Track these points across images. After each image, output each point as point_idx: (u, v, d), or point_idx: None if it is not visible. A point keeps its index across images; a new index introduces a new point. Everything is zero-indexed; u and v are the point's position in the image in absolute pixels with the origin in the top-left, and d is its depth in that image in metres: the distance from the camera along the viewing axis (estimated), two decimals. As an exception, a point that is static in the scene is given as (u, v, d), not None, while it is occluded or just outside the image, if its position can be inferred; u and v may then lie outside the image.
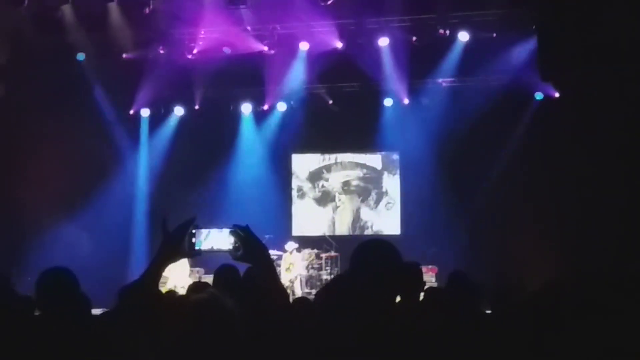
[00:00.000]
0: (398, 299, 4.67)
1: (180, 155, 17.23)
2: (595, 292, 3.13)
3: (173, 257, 3.21)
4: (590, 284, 3.20)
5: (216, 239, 3.20)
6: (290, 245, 15.77)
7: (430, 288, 6.34)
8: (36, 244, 14.92)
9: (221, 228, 3.20)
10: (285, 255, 15.68)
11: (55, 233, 15.30)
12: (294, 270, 15.57)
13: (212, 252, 3.20)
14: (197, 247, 3.20)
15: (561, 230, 15.08)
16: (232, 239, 3.16)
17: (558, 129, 15.35)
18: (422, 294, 5.84)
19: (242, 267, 4.65)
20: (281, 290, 3.22)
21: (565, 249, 14.44)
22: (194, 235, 3.18)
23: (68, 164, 15.90)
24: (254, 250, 3.16)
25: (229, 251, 3.18)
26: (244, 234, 3.16)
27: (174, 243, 3.16)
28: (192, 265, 14.74)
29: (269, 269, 3.21)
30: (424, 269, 8.28)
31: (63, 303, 4.10)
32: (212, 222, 3.29)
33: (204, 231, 3.20)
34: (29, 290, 5.87)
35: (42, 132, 15.81)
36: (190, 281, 14.57)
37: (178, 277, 14.03)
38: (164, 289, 9.95)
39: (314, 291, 15.46)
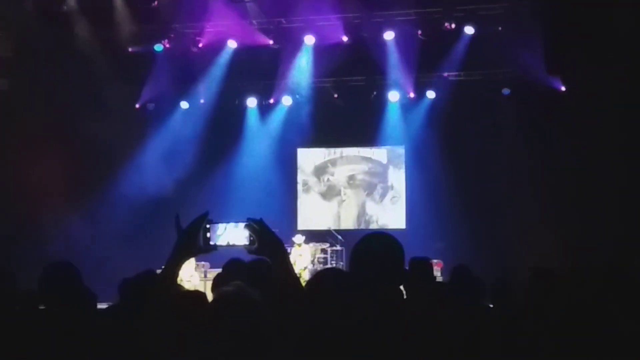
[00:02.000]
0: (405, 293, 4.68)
1: (185, 149, 17.21)
2: (597, 287, 3.12)
3: (188, 254, 3.20)
4: (592, 278, 3.19)
5: (232, 234, 3.16)
6: (299, 238, 15.76)
7: (435, 283, 6.34)
8: (39, 238, 14.92)
9: (236, 222, 3.17)
10: (293, 248, 15.67)
11: (58, 228, 15.32)
12: (301, 262, 15.57)
13: (227, 247, 3.17)
14: (212, 243, 3.16)
15: (566, 225, 15.03)
16: (247, 233, 3.13)
17: (564, 122, 15.29)
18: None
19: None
20: (297, 282, 3.21)
21: (570, 244, 14.40)
22: (208, 230, 3.14)
23: (72, 158, 15.89)
24: (269, 244, 3.14)
25: (245, 246, 3.15)
26: (258, 228, 3.14)
27: (189, 239, 3.14)
28: (198, 259, 14.74)
29: (285, 262, 3.19)
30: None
31: (67, 297, 4.10)
32: (218, 216, 3.24)
33: (219, 226, 3.16)
34: (31, 285, 5.88)
35: (46, 126, 15.78)
36: (196, 275, 14.63)
37: (184, 271, 14.06)
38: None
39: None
